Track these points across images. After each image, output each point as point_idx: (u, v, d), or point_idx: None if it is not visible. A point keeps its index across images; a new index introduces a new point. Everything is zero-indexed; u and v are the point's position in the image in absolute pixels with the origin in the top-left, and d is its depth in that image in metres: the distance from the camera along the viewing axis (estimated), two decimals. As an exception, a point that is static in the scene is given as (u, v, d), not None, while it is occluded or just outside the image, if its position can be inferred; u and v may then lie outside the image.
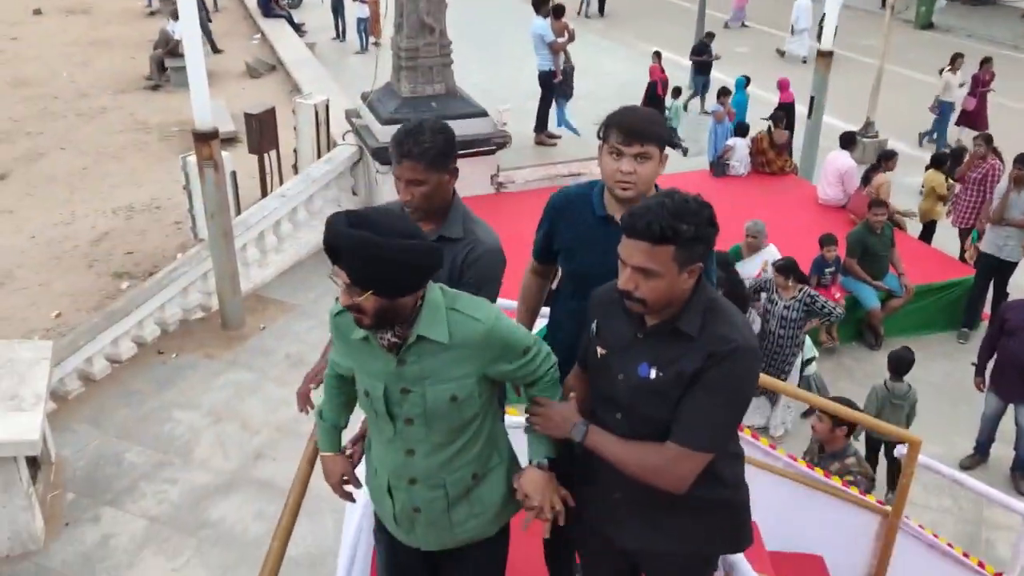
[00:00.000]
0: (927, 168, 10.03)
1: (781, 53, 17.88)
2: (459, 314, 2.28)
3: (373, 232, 2.09)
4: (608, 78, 15.80)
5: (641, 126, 2.55)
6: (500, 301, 2.84)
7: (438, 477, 2.42)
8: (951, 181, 9.57)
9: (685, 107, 13.80)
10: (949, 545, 4.46)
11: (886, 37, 12.53)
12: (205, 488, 6.29)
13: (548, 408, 2.40)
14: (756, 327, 7.09)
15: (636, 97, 12.93)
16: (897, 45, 14.81)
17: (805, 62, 16.64)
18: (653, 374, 2.24)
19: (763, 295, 7.05)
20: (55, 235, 10.03)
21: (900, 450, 3.94)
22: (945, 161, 9.83)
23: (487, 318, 2.31)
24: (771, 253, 7.69)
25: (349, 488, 2.69)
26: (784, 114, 11.22)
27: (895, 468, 6.14)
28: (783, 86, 12.67)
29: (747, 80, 12.64)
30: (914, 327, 8.24)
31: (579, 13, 20.49)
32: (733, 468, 2.39)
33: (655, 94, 13.05)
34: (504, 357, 2.35)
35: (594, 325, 2.42)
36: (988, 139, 9.05)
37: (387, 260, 2.10)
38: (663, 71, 13.28)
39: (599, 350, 2.37)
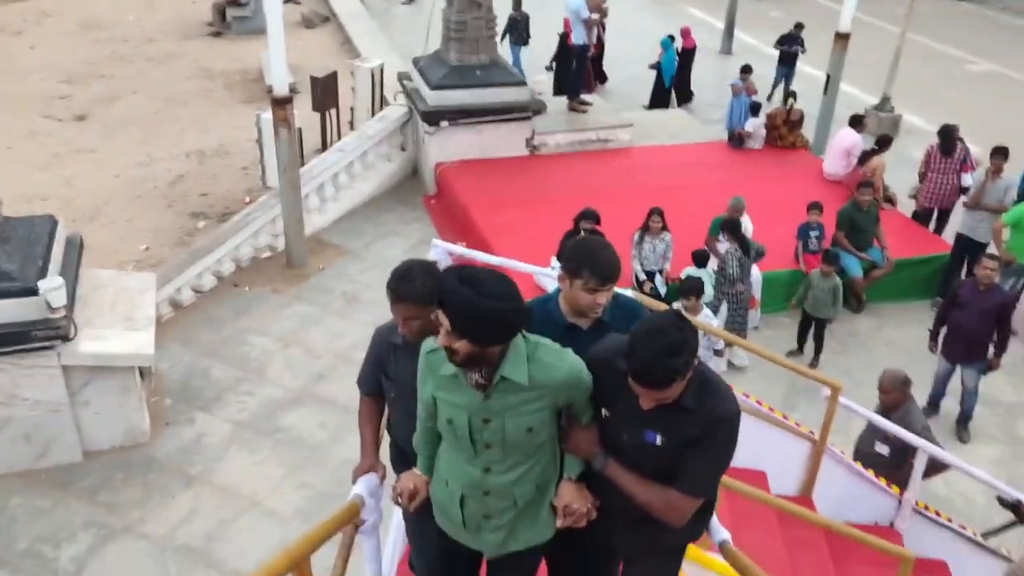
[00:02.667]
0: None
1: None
2: (540, 362, 2.58)
3: (476, 292, 2.41)
4: (643, 38, 16.54)
5: (613, 271, 2.87)
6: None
7: (509, 491, 2.72)
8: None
9: (769, 98, 13.95)
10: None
11: (910, 6, 12.92)
12: (277, 401, 7.57)
13: (576, 432, 2.71)
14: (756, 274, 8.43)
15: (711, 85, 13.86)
16: (926, 15, 15.28)
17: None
18: (659, 441, 2.59)
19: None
20: (135, 175, 11.26)
21: (824, 392, 5.08)
22: None
23: (564, 364, 2.61)
24: (746, 224, 8.71)
25: (414, 505, 2.92)
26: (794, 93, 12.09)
27: (819, 342, 8.33)
28: (685, 33, 14.01)
29: (672, 39, 13.79)
30: (893, 295, 9.29)
31: None
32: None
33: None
34: (573, 394, 2.66)
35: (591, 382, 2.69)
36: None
37: (484, 320, 2.43)
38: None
39: (604, 412, 2.72)
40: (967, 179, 9.53)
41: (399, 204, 10.96)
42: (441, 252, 5.17)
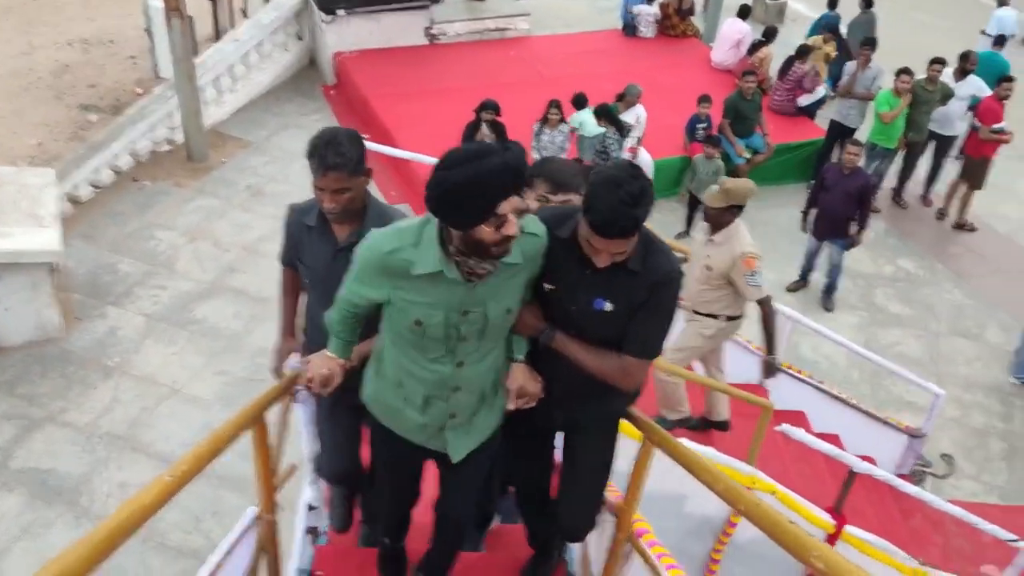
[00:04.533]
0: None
1: None
2: (523, 233, 2.36)
3: (521, 159, 2.26)
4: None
5: (566, 178, 2.91)
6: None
7: (478, 380, 2.56)
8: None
9: None
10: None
11: None
12: (189, 294, 7.75)
13: (522, 310, 2.56)
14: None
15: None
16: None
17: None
18: (608, 307, 2.50)
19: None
20: (18, 66, 10.81)
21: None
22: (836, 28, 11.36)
23: (541, 231, 2.46)
24: (640, 111, 9.18)
25: (328, 390, 2.72)
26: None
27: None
28: None
29: None
30: (774, 177, 9.97)
31: None
32: None
33: None
34: (538, 263, 2.50)
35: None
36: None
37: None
38: None
39: (546, 285, 2.56)
40: (802, 100, 10.29)
41: (298, 95, 10.91)
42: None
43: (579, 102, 8.85)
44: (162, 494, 1.90)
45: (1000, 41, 11.09)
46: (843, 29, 11.77)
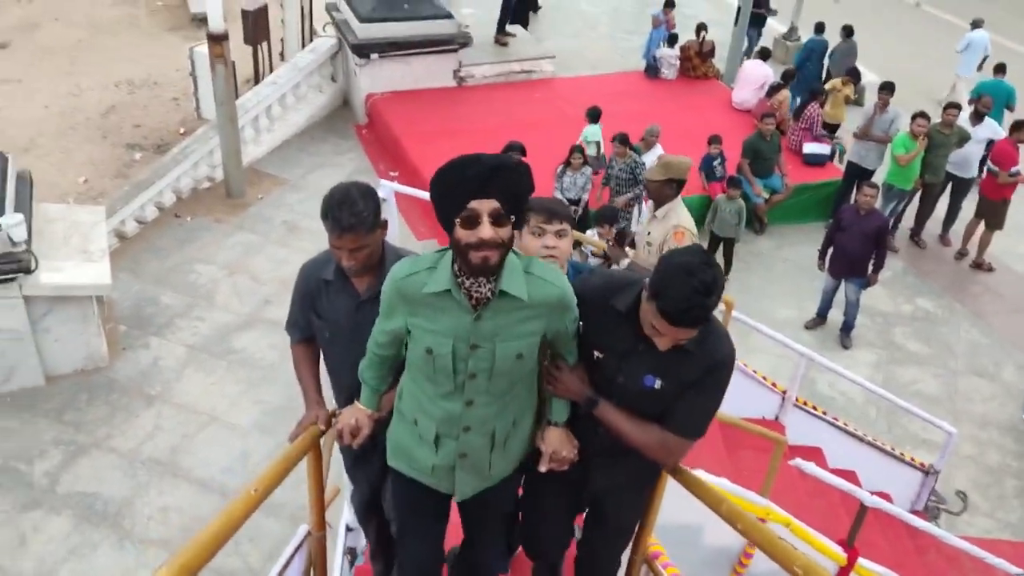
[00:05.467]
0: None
1: None
2: (535, 277, 2.41)
3: (504, 162, 2.27)
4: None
5: (555, 206, 2.92)
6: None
7: (491, 424, 2.58)
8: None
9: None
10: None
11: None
12: (228, 325, 8.09)
13: (565, 374, 2.59)
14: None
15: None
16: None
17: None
18: (658, 384, 2.50)
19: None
20: (66, 106, 11.32)
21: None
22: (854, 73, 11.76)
23: (560, 281, 2.46)
24: (659, 150, 9.47)
25: (358, 441, 2.77)
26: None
27: (727, 260, 9.26)
28: None
29: None
30: (792, 217, 10.24)
31: None
32: None
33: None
34: (565, 319, 2.50)
35: (581, 324, 2.59)
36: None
37: (526, 178, 2.29)
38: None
39: (595, 352, 2.59)
40: (807, 147, 10.56)
41: (331, 134, 11.33)
42: (388, 191, 5.70)
43: (593, 115, 9.41)
44: (249, 505, 2.18)
45: (1001, 68, 11.34)
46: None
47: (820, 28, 12.46)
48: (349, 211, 2.69)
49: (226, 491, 6.47)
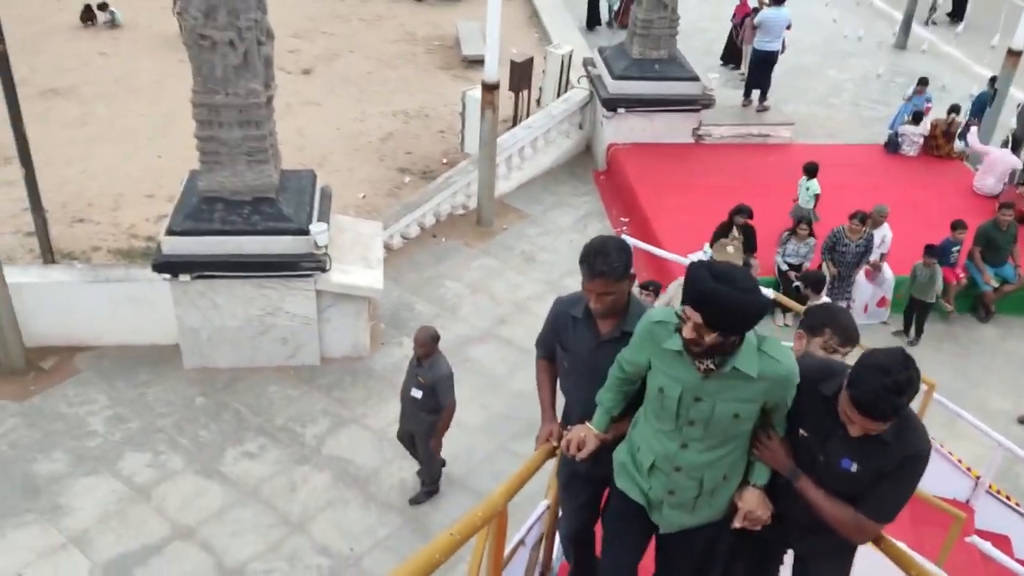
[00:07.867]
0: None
1: None
2: (766, 355, 2.67)
3: (733, 287, 2.49)
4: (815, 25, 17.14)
5: (855, 335, 3.29)
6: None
7: (700, 472, 2.83)
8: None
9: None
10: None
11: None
12: (466, 336, 9.31)
13: (774, 443, 2.84)
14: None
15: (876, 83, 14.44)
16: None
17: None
18: (855, 468, 2.70)
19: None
20: (353, 130, 13.18)
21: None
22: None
23: (788, 361, 2.70)
24: (886, 230, 9.73)
25: (581, 455, 3.09)
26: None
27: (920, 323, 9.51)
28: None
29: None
30: (1023, 309, 10.06)
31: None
32: None
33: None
34: (786, 395, 2.76)
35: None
36: None
37: (740, 312, 2.52)
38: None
39: (801, 431, 2.83)
40: None
41: (572, 177, 12.45)
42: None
43: (810, 170, 9.99)
44: (448, 549, 2.47)
45: None
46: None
47: (993, 80, 12.09)
48: (603, 260, 3.06)
49: (452, 479, 7.59)
